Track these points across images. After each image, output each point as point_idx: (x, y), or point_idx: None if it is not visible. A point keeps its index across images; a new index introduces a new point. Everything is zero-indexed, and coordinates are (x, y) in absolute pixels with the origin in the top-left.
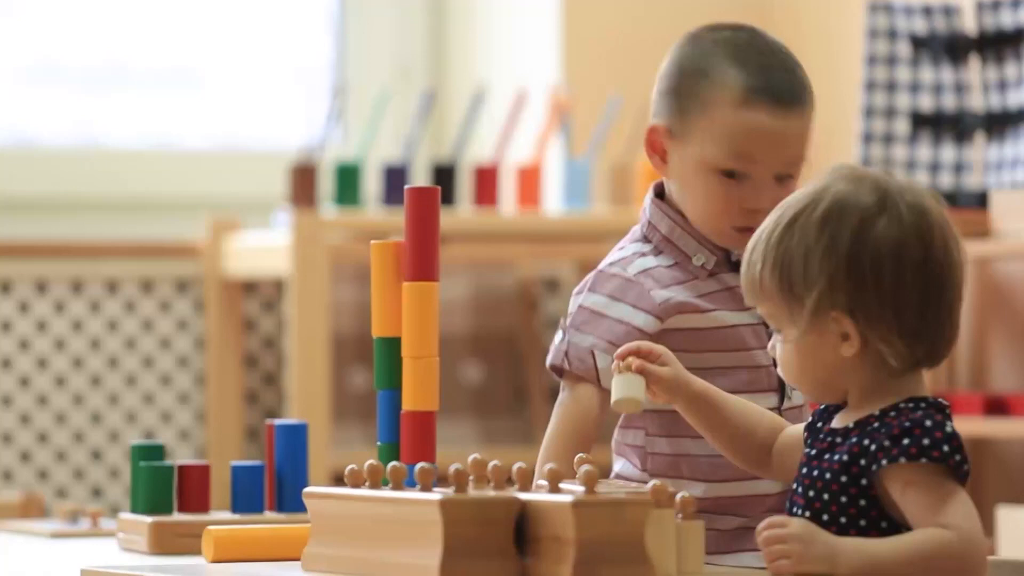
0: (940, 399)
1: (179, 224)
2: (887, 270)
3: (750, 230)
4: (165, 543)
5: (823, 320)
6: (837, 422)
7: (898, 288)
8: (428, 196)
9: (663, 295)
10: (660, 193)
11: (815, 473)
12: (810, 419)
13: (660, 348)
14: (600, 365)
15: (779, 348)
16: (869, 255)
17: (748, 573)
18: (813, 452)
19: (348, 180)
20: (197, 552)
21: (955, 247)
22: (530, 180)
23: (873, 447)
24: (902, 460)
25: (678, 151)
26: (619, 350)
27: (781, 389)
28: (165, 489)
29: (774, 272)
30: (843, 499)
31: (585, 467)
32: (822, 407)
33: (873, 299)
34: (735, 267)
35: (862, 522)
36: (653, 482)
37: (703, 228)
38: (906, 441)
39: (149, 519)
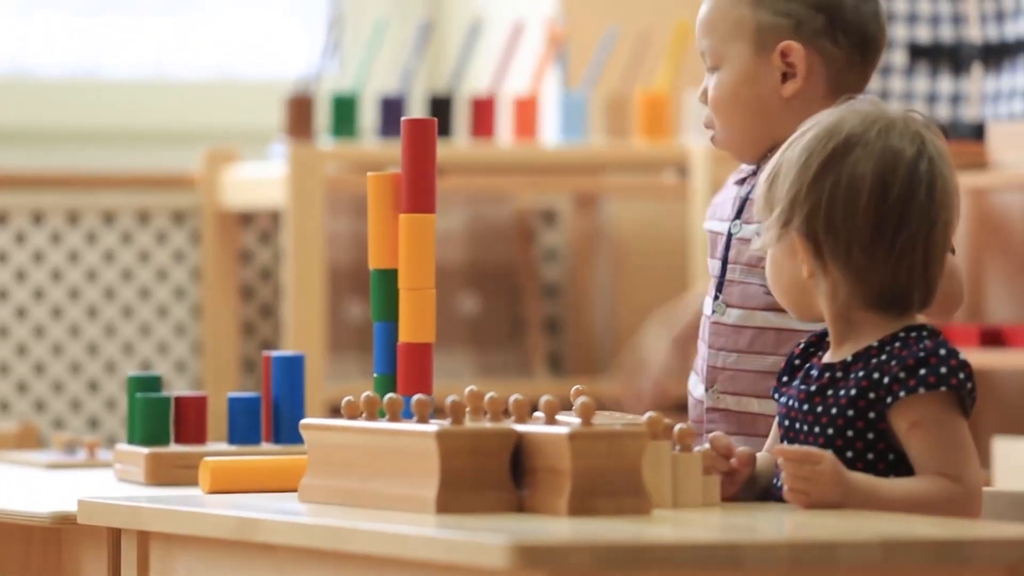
0: (933, 327)
1: (175, 155)
2: (839, 203)
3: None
4: (162, 474)
5: (787, 236)
6: (830, 357)
7: (848, 223)
8: (425, 128)
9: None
10: None
11: (819, 409)
12: (787, 358)
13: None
14: None
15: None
16: (829, 186)
17: (740, 505)
18: (813, 389)
19: (345, 111)
20: (194, 483)
21: (932, 195)
22: (527, 111)
23: (886, 380)
24: (921, 390)
25: None
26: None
27: (716, 298)
28: (162, 420)
29: (765, 180)
30: (850, 433)
31: (581, 399)
32: (802, 346)
33: (823, 227)
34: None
35: (869, 455)
36: (649, 414)
37: None
38: (923, 371)
39: (146, 450)
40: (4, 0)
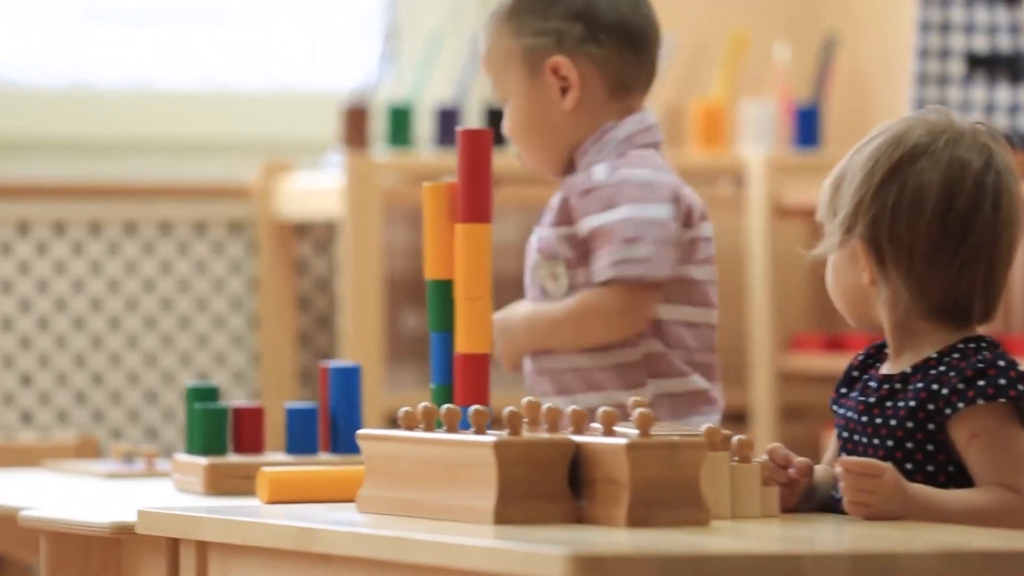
0: (992, 339)
1: (232, 165)
2: (904, 211)
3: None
4: (220, 484)
5: (848, 242)
6: (888, 368)
7: (912, 232)
8: (481, 138)
9: None
10: None
11: (878, 420)
12: (845, 370)
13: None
14: None
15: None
16: (894, 193)
17: (799, 516)
18: (872, 400)
19: (401, 121)
20: (251, 493)
21: (997, 208)
22: None
23: (945, 391)
24: (980, 402)
25: None
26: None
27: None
28: (220, 430)
29: (830, 185)
30: (909, 445)
31: (640, 410)
32: (861, 357)
33: (886, 235)
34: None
35: (929, 467)
36: (707, 424)
37: None
38: (982, 383)
39: (204, 460)
40: (62, 12)
